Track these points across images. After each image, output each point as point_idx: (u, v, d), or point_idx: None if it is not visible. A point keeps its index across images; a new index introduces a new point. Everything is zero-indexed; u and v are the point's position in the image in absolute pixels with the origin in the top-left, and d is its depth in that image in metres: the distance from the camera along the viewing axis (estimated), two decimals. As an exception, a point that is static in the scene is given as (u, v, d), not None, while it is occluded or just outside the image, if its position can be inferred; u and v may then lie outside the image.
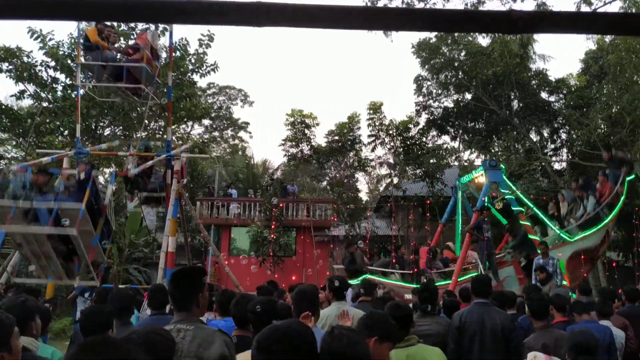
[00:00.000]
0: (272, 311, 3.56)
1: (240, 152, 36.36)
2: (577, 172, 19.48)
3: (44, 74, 16.77)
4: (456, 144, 25.27)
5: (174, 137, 19.40)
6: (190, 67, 17.93)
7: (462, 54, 22.25)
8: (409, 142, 22.01)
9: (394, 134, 21.92)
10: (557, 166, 23.17)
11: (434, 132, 24.17)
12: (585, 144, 19.68)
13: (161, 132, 19.15)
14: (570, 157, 22.31)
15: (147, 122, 12.95)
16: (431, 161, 21.71)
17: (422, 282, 10.10)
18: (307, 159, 22.32)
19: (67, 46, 16.62)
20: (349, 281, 6.22)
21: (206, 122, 32.35)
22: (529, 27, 1.47)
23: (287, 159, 23.44)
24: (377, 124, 21.93)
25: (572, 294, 8.21)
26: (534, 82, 22.11)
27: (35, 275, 8.76)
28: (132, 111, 17.58)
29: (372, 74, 79.08)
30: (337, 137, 22.06)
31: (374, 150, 22.50)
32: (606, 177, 13.10)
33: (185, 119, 20.61)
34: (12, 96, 17.54)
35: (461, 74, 22.41)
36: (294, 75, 77.04)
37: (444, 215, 14.94)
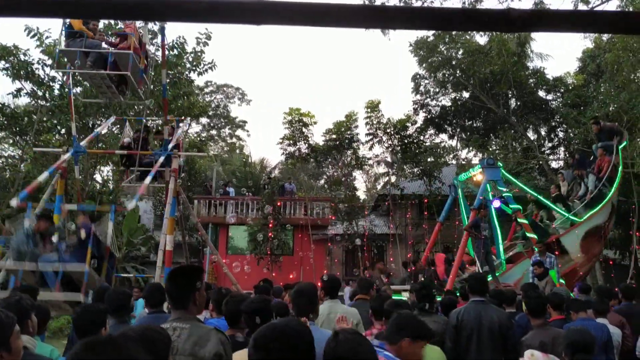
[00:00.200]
0: (265, 310, 3.53)
1: (237, 151, 36.36)
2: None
3: (40, 72, 16.73)
4: (454, 143, 25.35)
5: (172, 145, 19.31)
6: (187, 66, 17.90)
7: (460, 53, 22.27)
8: (406, 141, 22.02)
9: (392, 132, 21.93)
10: (554, 165, 23.23)
11: (432, 131, 24.20)
12: (582, 142, 19.72)
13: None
14: (567, 155, 22.35)
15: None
16: (429, 160, 21.72)
17: (421, 280, 10.11)
18: (305, 157, 22.30)
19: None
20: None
21: (204, 120, 32.37)
22: (527, 26, 1.46)
23: (284, 158, 23.42)
24: (374, 122, 21.93)
25: (570, 293, 8.23)
26: (531, 80, 22.14)
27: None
28: (129, 110, 17.53)
29: (370, 73, 79.16)
30: (334, 136, 22.05)
31: (371, 148, 22.53)
32: (605, 151, 13.20)
33: (182, 117, 20.55)
34: (9, 94, 17.50)
35: (459, 72, 22.44)
36: (291, 73, 77.05)
37: (442, 213, 14.95)
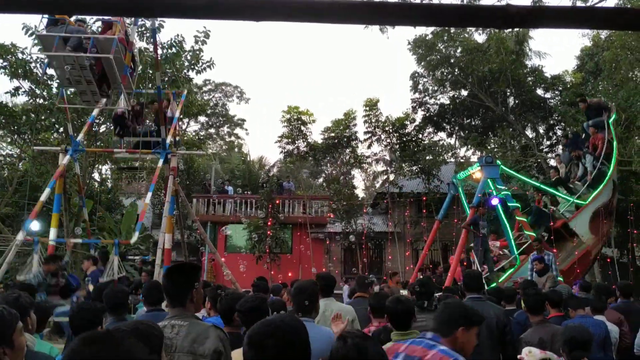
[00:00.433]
0: (261, 309, 3.47)
1: (236, 149, 36.32)
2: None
3: (39, 71, 16.67)
4: (452, 141, 25.35)
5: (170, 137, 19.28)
6: (186, 64, 17.85)
7: (458, 51, 22.26)
8: (405, 139, 22.04)
9: (390, 130, 21.94)
10: (552, 162, 23.21)
11: (430, 129, 24.20)
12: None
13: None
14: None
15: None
16: (427, 158, 21.73)
17: (419, 278, 10.11)
18: (304, 155, 22.30)
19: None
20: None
21: (202, 119, 32.30)
22: (525, 22, 1.47)
23: (283, 156, 23.42)
24: (373, 120, 21.93)
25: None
26: (529, 78, 22.14)
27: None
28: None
29: (369, 71, 79.21)
30: (333, 134, 22.05)
31: (370, 147, 22.54)
32: (596, 129, 13.19)
33: (181, 116, 20.53)
34: (6, 93, 17.45)
35: (457, 70, 22.43)
36: (290, 72, 77.05)
37: (441, 211, 14.96)
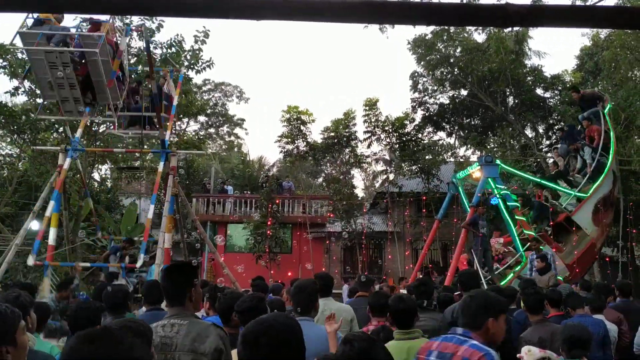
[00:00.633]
0: (259, 308, 3.41)
1: (236, 149, 36.32)
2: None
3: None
4: (452, 140, 25.34)
5: (169, 133, 19.28)
6: (185, 64, 17.84)
7: (458, 51, 22.24)
8: (404, 139, 22.02)
9: (390, 130, 21.93)
10: (552, 161, 23.22)
11: (430, 129, 24.18)
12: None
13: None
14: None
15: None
16: (427, 157, 21.73)
17: (419, 278, 10.12)
18: (303, 155, 22.29)
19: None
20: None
21: (202, 118, 32.31)
22: (525, 21, 1.47)
23: (283, 156, 23.42)
24: (373, 120, 21.92)
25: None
26: (529, 78, 22.12)
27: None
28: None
29: (368, 71, 79.23)
30: (333, 134, 22.03)
31: (369, 146, 22.52)
32: (590, 121, 13.18)
33: (180, 116, 20.53)
34: (6, 93, 17.44)
35: (457, 70, 22.41)
36: (290, 72, 77.05)
37: (440, 211, 14.96)
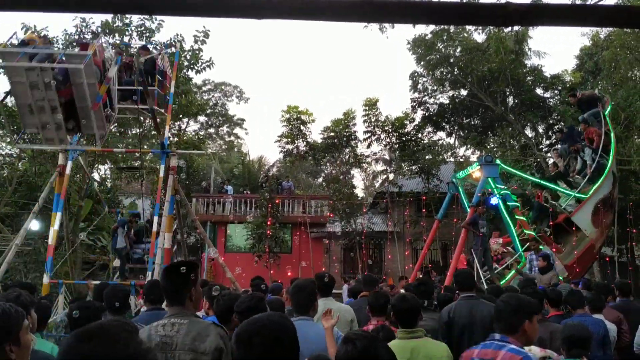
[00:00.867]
0: (258, 309, 3.34)
1: (235, 149, 36.32)
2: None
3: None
4: (452, 140, 25.34)
5: (169, 134, 19.29)
6: (185, 64, 17.84)
7: (458, 51, 22.24)
8: (404, 139, 22.02)
9: (390, 130, 21.92)
10: (552, 161, 23.20)
11: (430, 128, 24.17)
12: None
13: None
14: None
15: (142, 118, 12.83)
16: (427, 157, 21.72)
17: (419, 277, 10.13)
18: (303, 155, 22.28)
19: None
20: None
21: (202, 118, 32.30)
22: (525, 20, 1.47)
23: (282, 156, 23.40)
24: (372, 120, 21.92)
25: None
26: (529, 78, 22.12)
27: None
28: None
29: (368, 71, 79.27)
30: (332, 134, 22.01)
31: (369, 146, 22.51)
32: (587, 123, 13.16)
33: (180, 116, 20.52)
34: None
35: (457, 70, 22.40)
36: (289, 72, 77.09)
37: (440, 211, 14.97)
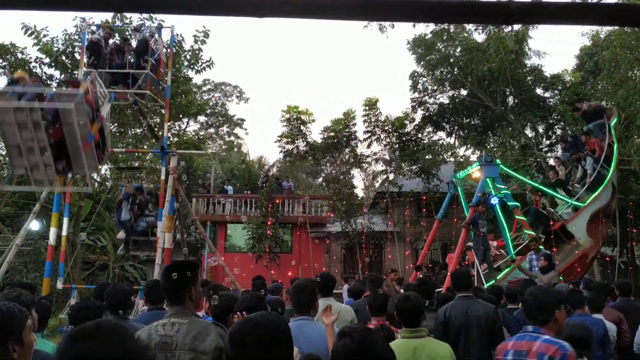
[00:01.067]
0: (258, 308, 3.31)
1: (235, 149, 36.33)
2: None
3: (38, 71, 16.67)
4: (452, 140, 25.30)
5: (169, 134, 19.35)
6: (185, 64, 17.84)
7: (458, 50, 22.22)
8: (404, 138, 22.02)
9: (390, 130, 21.92)
10: (552, 162, 23.19)
11: (430, 128, 24.16)
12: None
13: (156, 129, 19.08)
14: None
15: (142, 118, 12.85)
16: (427, 157, 21.71)
17: (419, 277, 10.13)
18: (303, 155, 22.29)
19: (61, 42, 16.52)
20: None
21: (202, 118, 32.32)
22: (526, 18, 1.47)
23: (282, 156, 23.41)
24: (372, 120, 21.92)
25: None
26: (529, 78, 22.10)
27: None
28: (127, 108, 17.48)
29: (368, 71, 79.25)
30: (332, 134, 22.01)
31: (369, 146, 22.51)
32: (588, 135, 13.18)
33: (180, 116, 20.53)
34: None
35: (456, 70, 22.39)
36: (290, 72, 77.08)
37: (440, 211, 14.97)
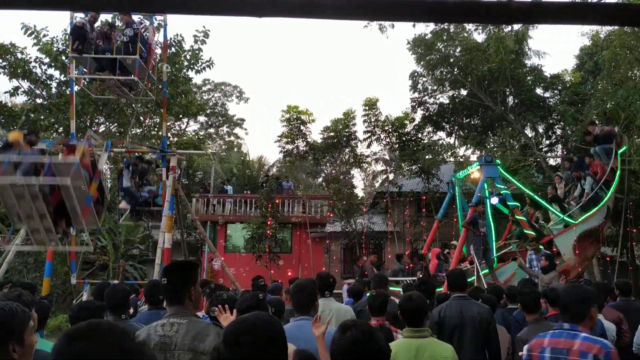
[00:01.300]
0: (258, 308, 3.32)
1: (235, 149, 36.28)
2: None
3: (37, 71, 16.70)
4: (452, 140, 25.30)
5: (169, 134, 19.37)
6: (185, 64, 17.85)
7: (458, 50, 22.21)
8: (404, 138, 22.00)
9: (390, 130, 21.91)
10: (552, 162, 23.23)
11: (430, 128, 24.14)
12: (580, 139, 19.71)
13: (156, 129, 19.10)
14: (565, 153, 22.35)
15: (142, 118, 12.87)
16: (427, 157, 21.69)
17: (419, 277, 10.12)
18: (303, 155, 22.27)
19: (61, 42, 16.53)
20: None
21: (201, 118, 32.32)
22: (527, 18, 1.47)
23: (282, 156, 23.38)
24: (372, 120, 21.89)
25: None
26: (529, 78, 22.09)
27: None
28: (127, 107, 17.52)
29: (368, 71, 79.25)
30: (332, 134, 21.99)
31: (369, 146, 22.48)
32: (592, 158, 13.23)
33: (180, 116, 20.53)
34: (6, 93, 17.47)
35: (456, 70, 22.38)
36: (289, 72, 77.08)
37: (440, 211, 14.97)
